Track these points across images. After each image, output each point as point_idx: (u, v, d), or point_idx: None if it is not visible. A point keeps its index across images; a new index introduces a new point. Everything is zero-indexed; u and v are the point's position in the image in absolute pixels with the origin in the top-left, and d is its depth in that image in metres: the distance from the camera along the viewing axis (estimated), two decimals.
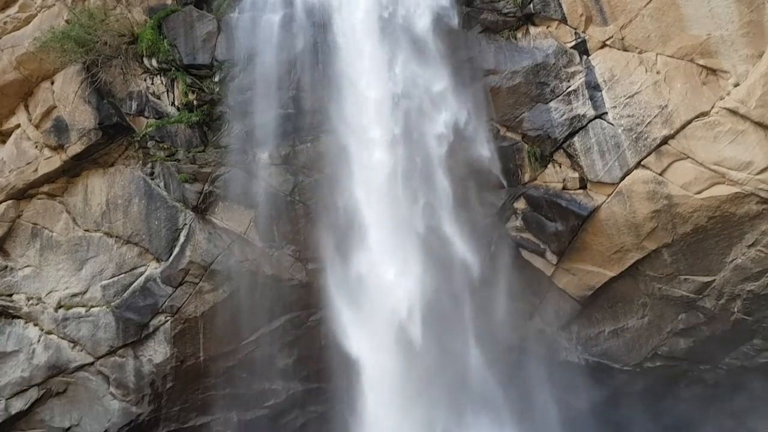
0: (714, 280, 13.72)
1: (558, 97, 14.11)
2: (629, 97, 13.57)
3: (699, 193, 13.10)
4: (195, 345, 15.03)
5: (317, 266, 14.98)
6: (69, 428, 14.95)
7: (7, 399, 14.98)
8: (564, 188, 14.20)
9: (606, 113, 13.76)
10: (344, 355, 14.07)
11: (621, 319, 14.96)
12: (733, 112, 12.76)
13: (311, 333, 15.42)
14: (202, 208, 14.95)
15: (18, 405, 15.04)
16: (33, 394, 15.05)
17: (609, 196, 13.82)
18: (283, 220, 14.89)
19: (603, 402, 15.45)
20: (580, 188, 14.12)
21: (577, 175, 14.09)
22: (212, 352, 15.13)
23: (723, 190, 12.91)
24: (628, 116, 13.53)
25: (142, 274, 14.95)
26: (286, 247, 15.02)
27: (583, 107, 13.89)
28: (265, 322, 15.29)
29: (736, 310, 13.89)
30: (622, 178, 13.63)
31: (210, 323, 15.01)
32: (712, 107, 12.98)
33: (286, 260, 15.04)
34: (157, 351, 14.89)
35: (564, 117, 14.02)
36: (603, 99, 13.79)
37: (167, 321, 14.87)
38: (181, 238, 14.88)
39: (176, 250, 14.87)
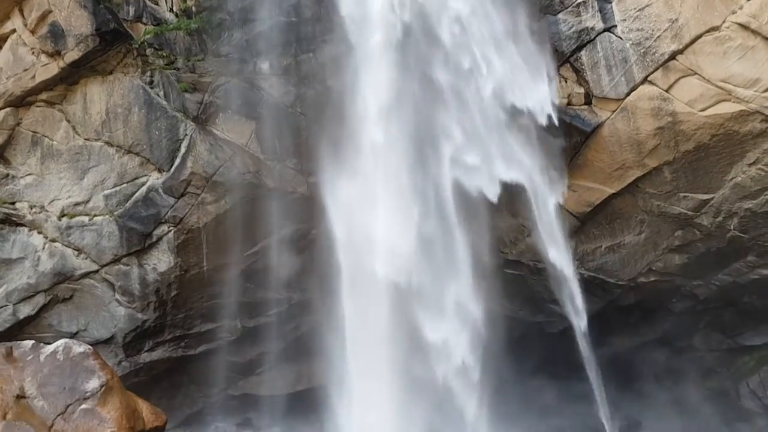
0: (713, 198, 13.87)
1: (567, 8, 13.77)
2: (639, 9, 13.27)
3: (704, 110, 13.05)
4: (198, 255, 15.24)
5: (319, 179, 15.03)
6: (76, 333, 15.34)
7: (14, 304, 15.29)
8: (569, 104, 14.08)
9: (615, 26, 13.49)
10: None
11: (618, 235, 15.17)
12: (745, 27, 12.56)
13: (313, 245, 15.63)
14: (202, 119, 14.81)
15: (25, 310, 15.36)
16: (40, 299, 15.35)
17: (613, 112, 13.73)
18: (284, 132, 14.80)
19: (596, 315, 15.84)
20: (584, 104, 14.02)
21: (582, 90, 13.95)
22: (216, 263, 15.37)
23: (728, 108, 12.87)
24: (638, 30, 13.27)
25: (144, 184, 14.97)
26: (288, 159, 15.00)
27: (592, 20, 13.60)
28: (267, 234, 15.46)
29: (732, 227, 14.12)
30: (628, 94, 13.52)
31: (213, 234, 15.16)
32: (723, 22, 12.75)
33: (288, 173, 15.05)
34: (161, 260, 15.11)
35: (572, 30, 13.74)
36: (612, 11, 13.48)
37: (170, 231, 15.01)
38: (182, 149, 14.82)
39: (177, 160, 14.83)
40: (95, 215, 15.08)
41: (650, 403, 16.47)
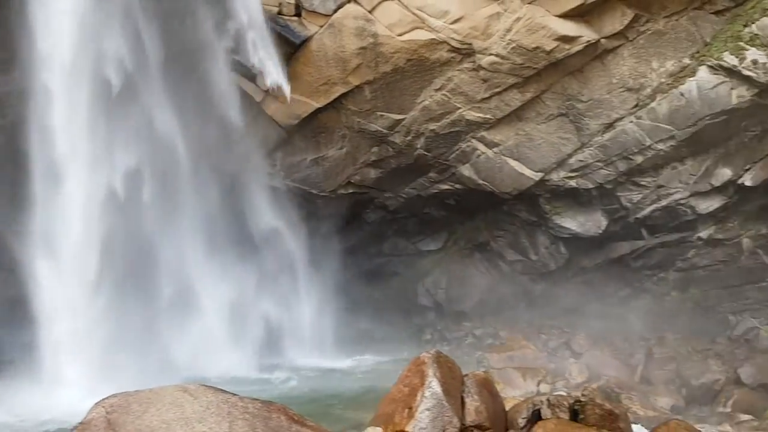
0: (405, 119, 15.10)
1: None
2: None
3: (401, 35, 13.91)
4: None
5: None
6: None
7: None
8: (279, 13, 14.02)
9: None
10: None
11: (322, 148, 15.88)
12: None
13: None
14: None
15: None
16: None
17: (322, 27, 14.04)
18: None
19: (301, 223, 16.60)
20: (295, 15, 14.08)
21: (293, 0, 13.96)
22: None
23: (421, 35, 13.88)
24: None
25: None
26: None
27: None
28: None
29: (419, 146, 15.63)
30: (335, 11, 13.88)
31: None
32: None
33: None
34: None
35: None
36: None
37: None
38: None
39: None
40: None
41: (349, 301, 17.83)
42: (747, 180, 14.57)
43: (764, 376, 13.45)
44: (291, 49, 14.25)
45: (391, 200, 17.33)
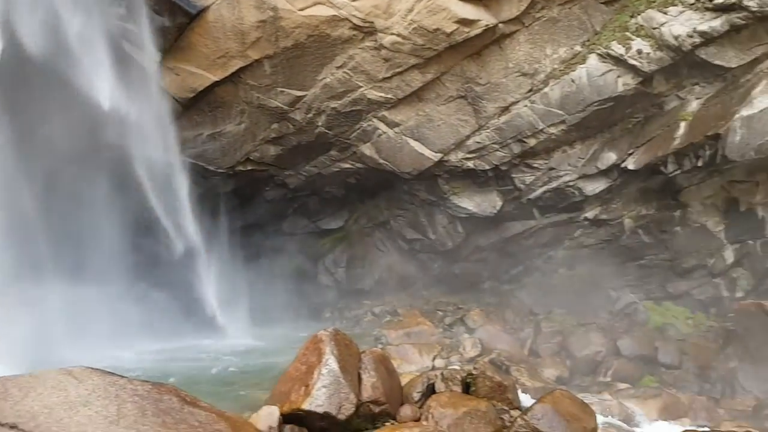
0: (306, 95, 14.92)
1: None
2: None
3: (302, 10, 13.64)
4: None
5: None
6: None
7: None
8: None
9: None
10: None
11: (220, 123, 15.44)
12: None
13: None
14: None
15: None
16: None
17: None
18: None
19: (197, 201, 16.09)
20: None
21: None
22: None
23: (323, 11, 13.67)
24: None
25: None
26: None
27: None
28: None
29: (320, 124, 15.52)
30: None
31: None
32: None
33: None
34: None
35: None
36: None
37: None
38: None
39: None
40: None
41: (248, 280, 17.57)
42: (630, 164, 15.46)
43: (641, 347, 14.50)
44: (186, 19, 13.67)
45: (292, 178, 17.17)
